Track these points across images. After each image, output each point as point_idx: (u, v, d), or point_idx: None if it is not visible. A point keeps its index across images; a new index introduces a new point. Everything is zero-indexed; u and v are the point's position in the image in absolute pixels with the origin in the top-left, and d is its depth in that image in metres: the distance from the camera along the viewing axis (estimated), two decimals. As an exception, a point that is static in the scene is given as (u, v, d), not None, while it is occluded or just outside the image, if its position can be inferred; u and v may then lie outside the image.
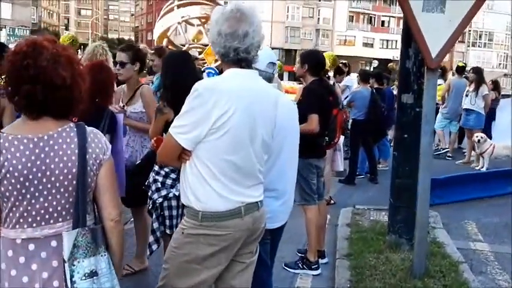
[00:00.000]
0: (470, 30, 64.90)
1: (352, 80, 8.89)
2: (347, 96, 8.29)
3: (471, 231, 5.20)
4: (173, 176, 3.02)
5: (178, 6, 25.97)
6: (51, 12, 75.84)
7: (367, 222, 5.10)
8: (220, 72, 7.83)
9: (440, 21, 3.54)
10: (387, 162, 7.89)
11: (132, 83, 3.74)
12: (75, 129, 1.71)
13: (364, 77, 7.86)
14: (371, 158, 7.57)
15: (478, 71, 9.31)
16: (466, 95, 9.10)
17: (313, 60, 4.17)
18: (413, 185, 3.92)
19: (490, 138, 9.80)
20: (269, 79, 2.73)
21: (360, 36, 59.79)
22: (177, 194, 2.93)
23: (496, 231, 5.24)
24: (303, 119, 4.02)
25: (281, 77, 19.23)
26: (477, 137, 8.36)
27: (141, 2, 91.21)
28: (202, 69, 14.57)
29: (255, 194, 2.14)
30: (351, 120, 7.69)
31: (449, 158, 9.45)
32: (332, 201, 6.17)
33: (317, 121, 3.94)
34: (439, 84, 10.49)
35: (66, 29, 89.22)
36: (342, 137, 6.38)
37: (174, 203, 3.02)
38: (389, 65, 40.73)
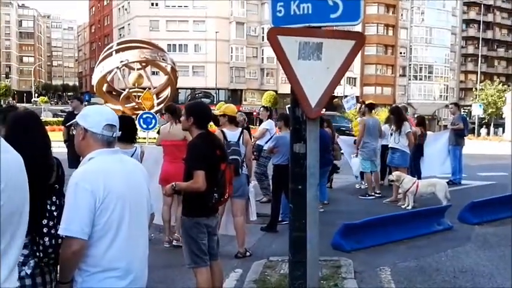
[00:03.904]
0: (410, 64, 67.61)
1: (271, 123, 8.79)
2: (268, 140, 8.17)
3: (384, 279, 4.99)
4: (25, 251, 2.64)
5: (117, 51, 25.71)
6: (-10, 60, 73.60)
7: (276, 277, 4.81)
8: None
9: (318, 68, 3.41)
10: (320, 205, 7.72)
11: None
12: None
13: (286, 121, 7.70)
14: (293, 203, 7.34)
15: (394, 112, 9.49)
16: (391, 134, 9.19)
17: (199, 113, 3.95)
18: (311, 239, 3.69)
19: (419, 174, 9.92)
20: (110, 143, 2.43)
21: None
22: (29, 272, 2.56)
23: (410, 277, 5.07)
24: (188, 176, 3.81)
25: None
26: (392, 176, 8.39)
27: (83, 47, 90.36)
28: (139, 114, 14.25)
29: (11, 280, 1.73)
30: (272, 166, 7.53)
31: (378, 195, 9.41)
32: (248, 253, 5.87)
33: (203, 178, 3.71)
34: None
35: (7, 77, 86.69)
36: (251, 185, 6.19)
37: (28, 282, 2.63)
38: (334, 101, 41.72)
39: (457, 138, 11.19)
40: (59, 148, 2.89)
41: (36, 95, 78.32)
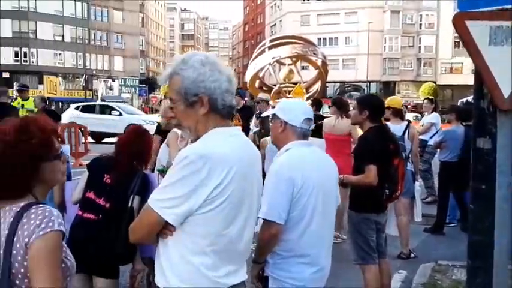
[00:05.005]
0: None
1: (437, 116, 8.16)
2: (433, 135, 7.66)
3: None
4: None
5: (270, 48, 26.58)
6: (158, 61, 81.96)
7: (448, 283, 4.47)
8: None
9: (512, 55, 3.03)
10: None
11: None
12: (17, 209, 1.55)
13: (458, 115, 7.01)
14: (462, 204, 6.74)
15: None
16: None
17: (374, 105, 3.81)
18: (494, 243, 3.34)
19: None
20: (305, 136, 2.53)
21: (468, 62, 55.90)
22: None
23: None
24: (359, 170, 3.71)
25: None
26: None
27: (237, 46, 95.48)
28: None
29: (242, 272, 1.87)
30: (439, 163, 7.02)
31: None
32: (412, 255, 5.57)
33: (375, 172, 3.58)
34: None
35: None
36: (417, 183, 5.82)
37: None
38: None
39: None
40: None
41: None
